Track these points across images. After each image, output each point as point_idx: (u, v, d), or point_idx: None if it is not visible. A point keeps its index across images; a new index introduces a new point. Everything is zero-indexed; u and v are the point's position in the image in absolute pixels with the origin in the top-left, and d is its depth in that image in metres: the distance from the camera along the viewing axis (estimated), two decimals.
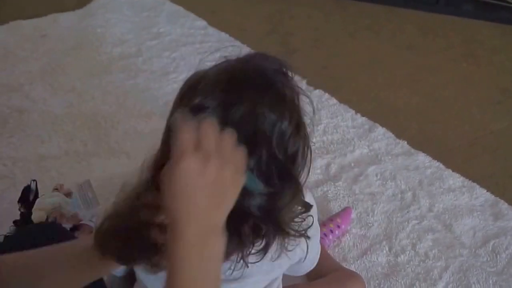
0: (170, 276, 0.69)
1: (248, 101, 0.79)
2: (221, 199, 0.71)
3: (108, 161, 2.03)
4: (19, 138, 2.12)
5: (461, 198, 1.94)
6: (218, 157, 0.69)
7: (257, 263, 0.89)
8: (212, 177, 0.68)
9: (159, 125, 0.85)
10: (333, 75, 2.86)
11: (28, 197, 1.61)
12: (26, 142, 2.09)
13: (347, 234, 1.76)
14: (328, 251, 1.68)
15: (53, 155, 2.04)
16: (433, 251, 1.71)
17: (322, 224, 1.72)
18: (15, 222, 1.58)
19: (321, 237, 1.67)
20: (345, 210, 1.80)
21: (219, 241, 0.71)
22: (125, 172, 1.82)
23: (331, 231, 1.71)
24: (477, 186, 1.99)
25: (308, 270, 1.25)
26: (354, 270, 1.62)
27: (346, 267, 1.63)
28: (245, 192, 0.75)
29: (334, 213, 1.81)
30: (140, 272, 1.07)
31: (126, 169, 1.92)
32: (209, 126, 0.70)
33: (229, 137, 0.72)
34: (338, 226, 1.73)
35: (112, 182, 1.79)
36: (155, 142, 0.90)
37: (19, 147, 2.07)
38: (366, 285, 1.53)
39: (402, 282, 1.60)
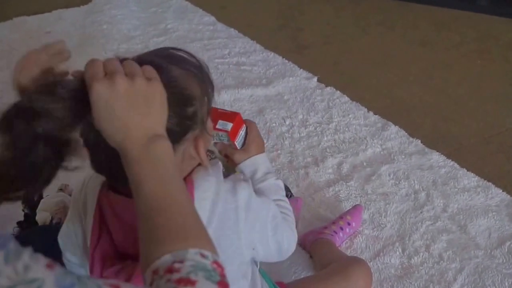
0: (132, 187, 0.73)
1: None
2: (147, 107, 0.74)
3: None
4: None
5: (476, 198, 1.90)
6: (123, 72, 0.74)
7: None
8: (122, 88, 0.72)
9: None
10: (344, 72, 2.84)
11: (32, 198, 1.58)
12: None
13: (359, 235, 1.73)
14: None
15: None
16: (448, 253, 1.67)
17: (332, 222, 1.71)
18: (19, 223, 1.56)
19: (331, 235, 1.65)
20: (355, 208, 1.77)
21: (164, 145, 0.75)
22: None
23: (341, 229, 1.69)
24: (493, 186, 1.96)
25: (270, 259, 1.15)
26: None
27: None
28: None
29: None
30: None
31: None
32: (110, 58, 0.76)
33: (131, 61, 0.77)
34: (349, 224, 1.71)
35: None
36: None
37: None
38: (372, 273, 1.49)
39: (416, 284, 1.57)
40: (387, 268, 1.62)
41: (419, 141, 2.20)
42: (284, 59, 2.89)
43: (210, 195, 0.91)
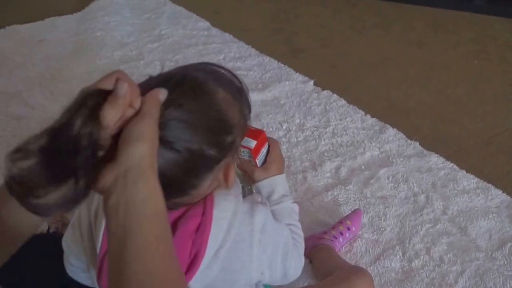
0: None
1: None
2: None
3: None
4: None
5: (476, 199, 1.88)
6: None
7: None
8: None
9: None
10: (341, 75, 2.82)
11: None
12: None
13: (359, 239, 1.72)
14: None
15: None
16: (448, 255, 1.66)
17: (332, 227, 1.69)
18: None
19: (330, 240, 1.64)
20: (355, 212, 1.75)
21: None
22: None
23: (341, 234, 1.67)
24: (493, 187, 1.94)
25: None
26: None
27: None
28: None
29: None
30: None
31: None
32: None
33: None
34: (348, 229, 1.69)
35: None
36: None
37: None
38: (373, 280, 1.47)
39: None
40: (388, 272, 1.60)
41: (418, 143, 2.17)
42: (279, 63, 2.88)
43: (228, 215, 0.90)
